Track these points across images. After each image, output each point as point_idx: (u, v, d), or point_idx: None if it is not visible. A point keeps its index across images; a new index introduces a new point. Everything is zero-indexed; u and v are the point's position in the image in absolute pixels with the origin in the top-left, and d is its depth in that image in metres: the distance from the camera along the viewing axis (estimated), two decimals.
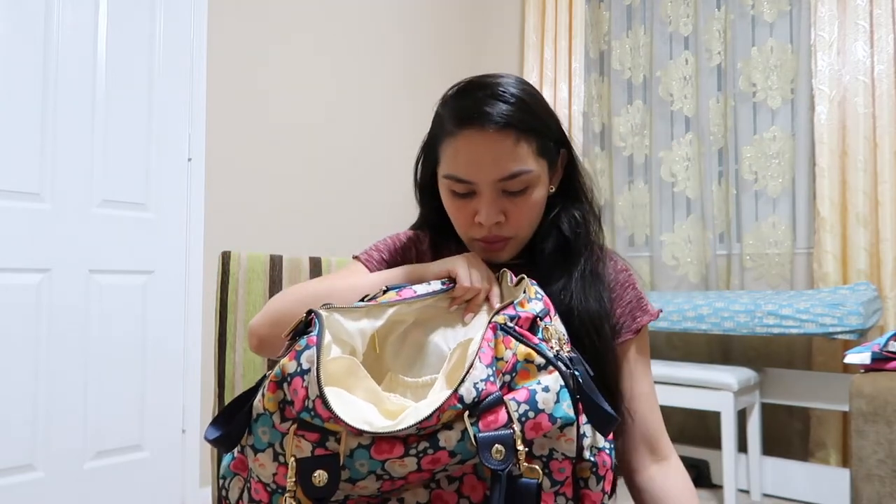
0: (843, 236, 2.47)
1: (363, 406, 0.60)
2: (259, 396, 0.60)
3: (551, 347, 0.66)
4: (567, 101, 3.22)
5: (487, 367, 0.60)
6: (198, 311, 2.27)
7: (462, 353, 0.65)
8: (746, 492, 2.43)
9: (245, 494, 0.63)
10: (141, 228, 2.16)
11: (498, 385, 0.60)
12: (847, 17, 2.48)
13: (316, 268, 1.19)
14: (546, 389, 0.60)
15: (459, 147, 0.81)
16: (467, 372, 0.59)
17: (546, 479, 0.61)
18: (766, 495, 2.43)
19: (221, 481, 0.66)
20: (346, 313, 0.69)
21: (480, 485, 0.61)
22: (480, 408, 0.58)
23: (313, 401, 0.57)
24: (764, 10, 2.75)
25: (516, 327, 0.65)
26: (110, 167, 2.09)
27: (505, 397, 0.59)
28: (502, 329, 0.64)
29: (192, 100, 2.29)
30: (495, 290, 0.77)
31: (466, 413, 0.58)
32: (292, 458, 0.57)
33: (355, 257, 0.96)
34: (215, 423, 0.62)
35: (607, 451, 0.65)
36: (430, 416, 0.57)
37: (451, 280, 0.76)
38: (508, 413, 0.58)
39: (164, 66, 2.23)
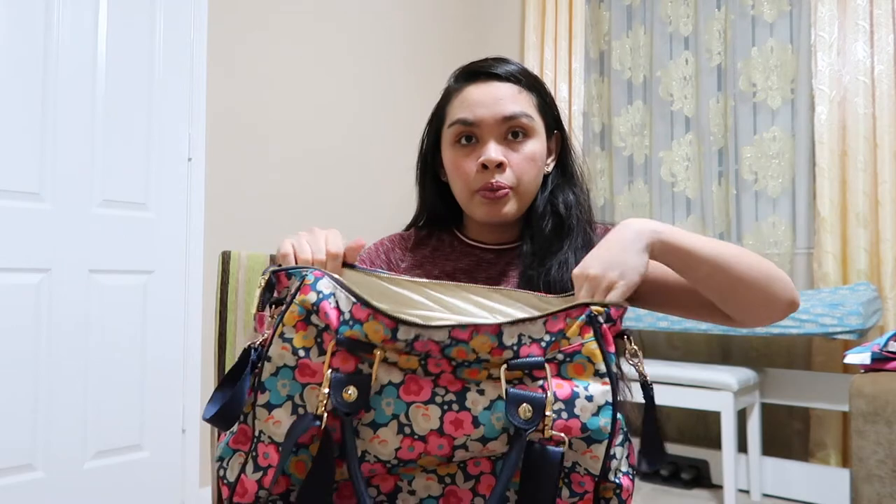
0: (843, 236, 2.47)
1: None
2: (281, 345, 0.61)
3: (638, 367, 0.64)
4: (567, 101, 3.22)
5: (548, 332, 0.60)
6: (198, 311, 2.27)
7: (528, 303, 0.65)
8: (746, 492, 2.43)
9: (248, 466, 0.62)
10: (141, 228, 2.16)
11: (546, 355, 0.60)
12: (847, 17, 2.48)
13: None
14: (589, 398, 0.60)
15: (465, 95, 0.88)
16: (523, 320, 0.59)
17: (565, 488, 0.60)
18: (766, 495, 2.43)
19: (219, 463, 0.65)
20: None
21: None
22: (517, 363, 0.58)
23: (349, 311, 0.59)
24: (764, 10, 2.75)
25: (604, 325, 0.63)
26: (110, 167, 2.09)
27: (550, 379, 0.59)
28: (589, 317, 0.62)
29: (192, 100, 2.29)
30: (332, 267, 0.69)
31: (504, 367, 0.58)
32: (328, 371, 0.58)
33: None
34: (213, 401, 0.62)
35: (630, 476, 0.64)
36: (465, 326, 0.57)
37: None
38: (545, 389, 0.59)
39: (164, 66, 2.23)
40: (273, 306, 0.64)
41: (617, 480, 0.62)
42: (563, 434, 0.59)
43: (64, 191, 1.99)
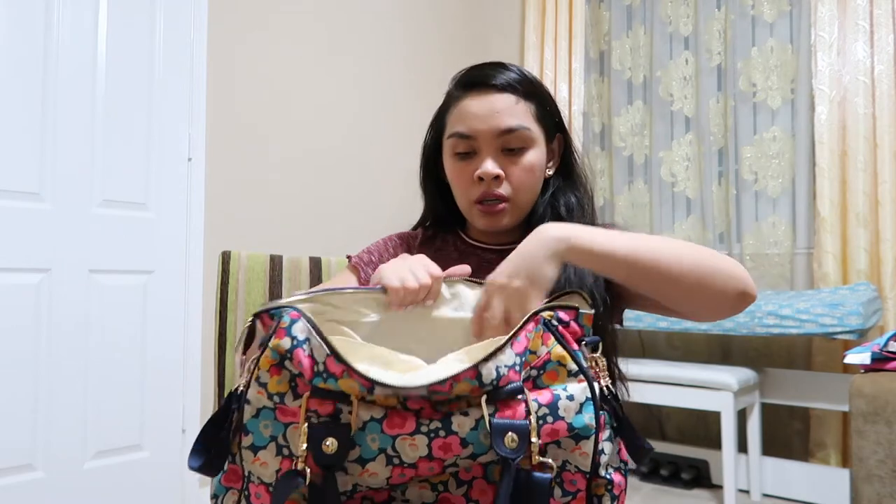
0: (843, 236, 2.47)
1: (373, 368, 0.60)
2: (257, 389, 0.60)
3: (596, 374, 0.64)
4: (567, 101, 3.22)
5: (517, 355, 0.60)
6: (198, 311, 2.27)
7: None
8: (746, 492, 2.43)
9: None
10: (141, 228, 2.16)
11: (521, 377, 0.60)
12: (847, 17, 2.48)
13: (316, 268, 1.19)
14: (570, 398, 0.60)
15: (463, 107, 0.88)
16: (494, 352, 0.58)
17: (557, 487, 0.60)
18: (766, 495, 2.42)
19: (213, 501, 0.65)
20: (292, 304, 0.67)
21: (490, 489, 0.61)
22: (499, 394, 0.58)
23: (323, 362, 0.58)
24: (764, 10, 2.75)
25: (560, 327, 0.64)
26: (110, 167, 2.09)
27: (528, 394, 0.59)
28: (545, 324, 0.63)
29: (192, 100, 2.29)
30: (437, 287, 0.72)
31: (485, 398, 0.57)
32: (304, 424, 0.57)
33: (349, 257, 0.99)
34: (195, 451, 0.61)
35: (622, 472, 0.64)
36: (444, 381, 0.56)
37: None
38: (528, 409, 0.58)
39: (164, 66, 2.23)
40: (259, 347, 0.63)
41: (608, 476, 0.62)
42: (550, 460, 0.59)
43: (64, 191, 1.99)
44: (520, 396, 0.59)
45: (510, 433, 0.57)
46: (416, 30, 3.16)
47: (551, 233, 0.72)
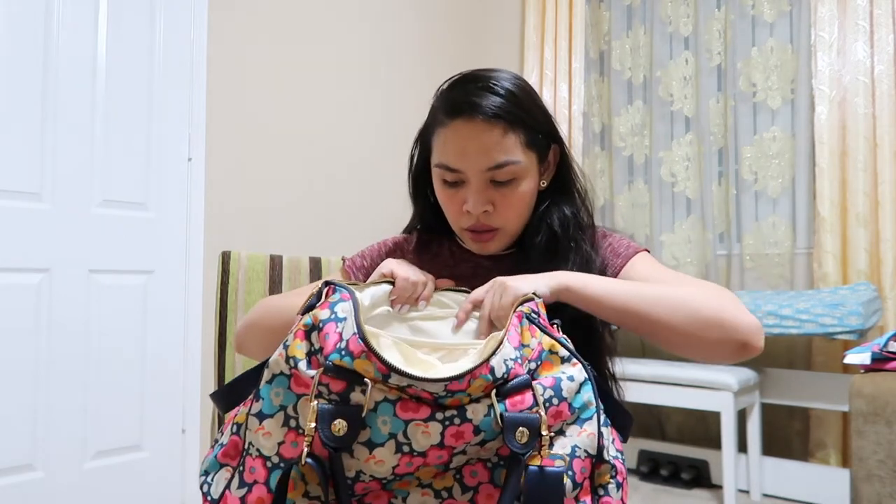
0: (843, 236, 2.47)
1: (393, 355, 0.61)
2: (279, 351, 0.60)
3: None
4: (567, 101, 3.22)
5: (515, 349, 0.60)
6: (198, 311, 2.27)
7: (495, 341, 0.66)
8: (746, 492, 2.43)
9: (234, 482, 0.60)
10: (141, 228, 2.16)
11: (524, 370, 0.60)
12: (847, 17, 2.48)
13: (316, 268, 1.20)
14: (571, 378, 0.61)
15: (449, 136, 0.83)
16: (498, 347, 0.59)
17: (567, 479, 0.59)
18: (766, 495, 2.42)
19: (203, 477, 0.63)
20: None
21: (497, 493, 0.60)
22: (508, 388, 0.58)
23: (347, 340, 0.57)
24: (764, 10, 2.75)
25: (539, 318, 0.66)
26: (110, 167, 2.09)
27: (537, 396, 0.59)
28: (527, 318, 0.64)
29: (192, 100, 2.29)
30: (431, 286, 0.80)
31: (494, 391, 0.57)
32: (314, 402, 0.55)
33: (344, 259, 0.99)
34: (223, 386, 0.63)
35: (621, 460, 0.64)
36: (462, 376, 0.56)
37: (391, 281, 0.79)
38: (535, 397, 0.58)
39: (164, 66, 2.23)
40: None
41: (611, 461, 0.62)
42: (560, 458, 0.59)
43: (64, 191, 1.99)
44: (527, 387, 0.59)
45: (521, 427, 0.57)
46: (415, 31, 3.16)
47: (560, 274, 0.78)
